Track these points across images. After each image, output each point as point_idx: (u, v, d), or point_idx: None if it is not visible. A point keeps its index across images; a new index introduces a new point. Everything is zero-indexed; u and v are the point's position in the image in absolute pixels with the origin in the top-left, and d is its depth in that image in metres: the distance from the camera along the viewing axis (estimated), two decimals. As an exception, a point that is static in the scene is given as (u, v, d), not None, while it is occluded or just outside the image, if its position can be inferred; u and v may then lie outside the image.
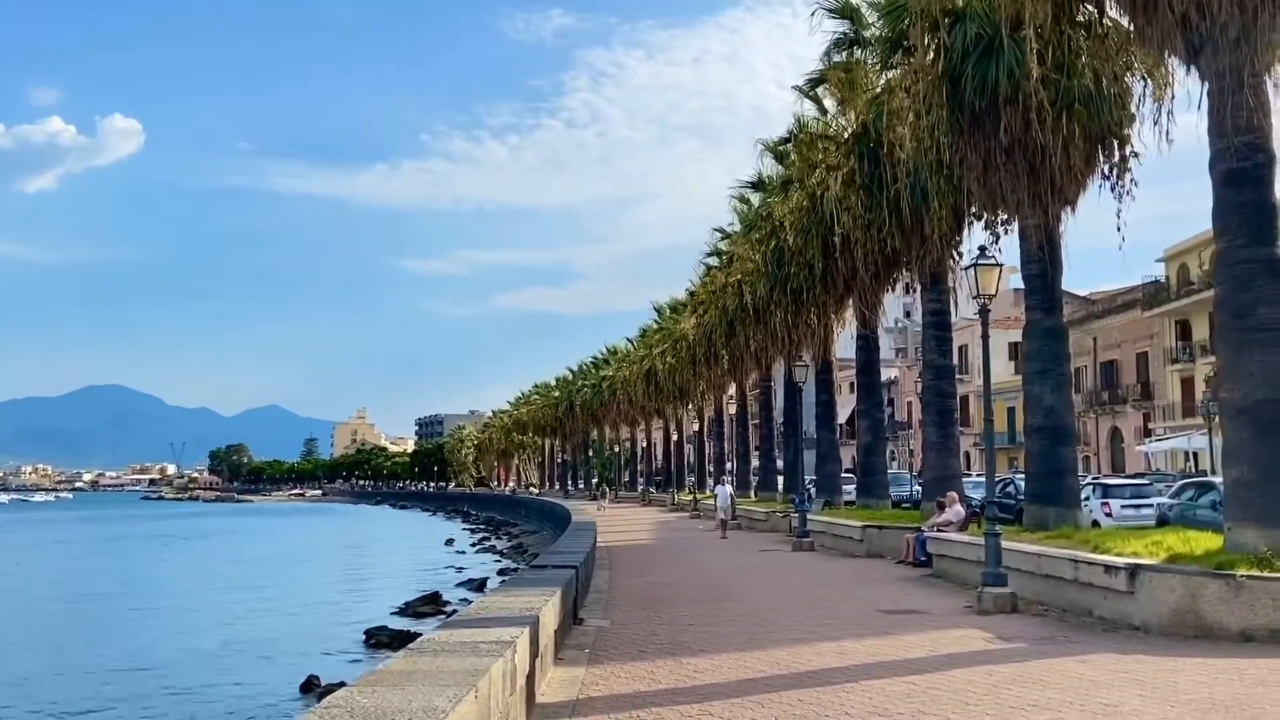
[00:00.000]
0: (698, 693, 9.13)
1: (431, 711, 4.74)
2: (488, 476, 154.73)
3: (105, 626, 31.26)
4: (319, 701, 4.96)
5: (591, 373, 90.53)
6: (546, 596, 9.54)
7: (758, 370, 47.22)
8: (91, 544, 76.85)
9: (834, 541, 26.25)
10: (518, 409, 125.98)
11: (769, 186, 37.77)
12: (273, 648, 26.04)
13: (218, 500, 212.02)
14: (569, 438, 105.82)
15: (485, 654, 6.34)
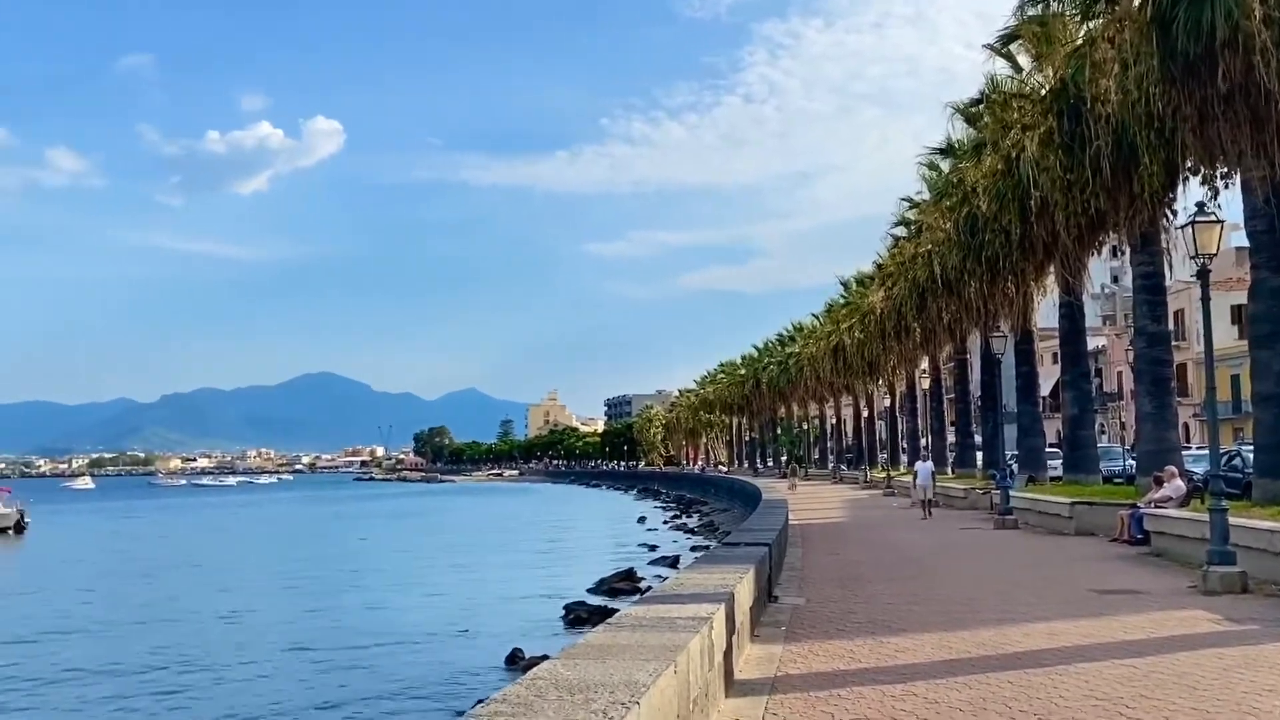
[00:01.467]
0: (899, 672, 8.87)
1: (632, 685, 4.74)
2: (676, 455, 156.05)
3: (327, 601, 33.11)
4: (524, 674, 5.05)
5: (777, 350, 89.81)
6: (740, 574, 9.47)
7: (951, 343, 45.65)
8: (316, 522, 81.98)
9: (1039, 519, 25.16)
10: (704, 388, 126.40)
11: (959, 151, 36.32)
12: (477, 622, 27.03)
13: (423, 480, 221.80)
14: (756, 416, 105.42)
15: (682, 630, 6.32)
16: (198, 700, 18.97)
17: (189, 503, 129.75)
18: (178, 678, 21.07)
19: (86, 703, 18.97)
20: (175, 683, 20.59)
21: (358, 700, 18.49)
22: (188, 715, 17.94)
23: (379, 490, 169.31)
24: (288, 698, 18.94)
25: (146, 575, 42.86)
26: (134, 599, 34.49)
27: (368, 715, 17.54)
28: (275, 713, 17.87)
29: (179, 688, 20.08)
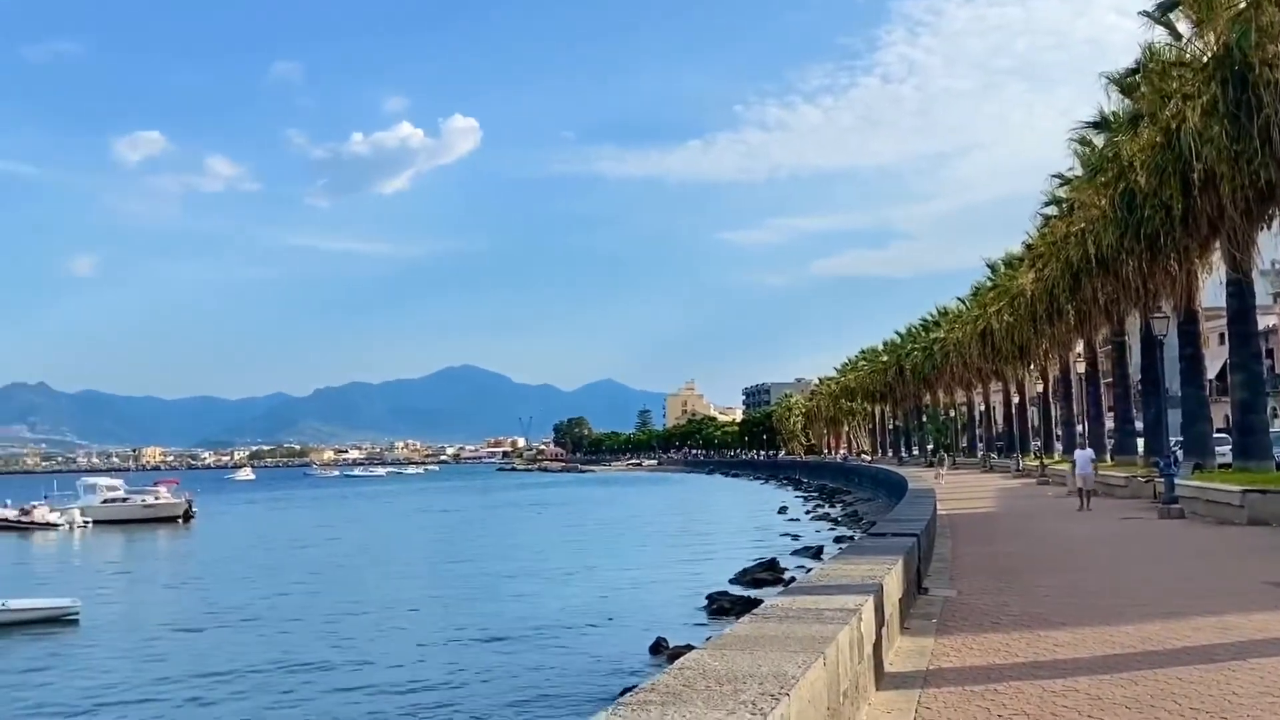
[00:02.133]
0: (1059, 667, 8.51)
1: (781, 677, 4.66)
2: (817, 444, 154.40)
3: (477, 589, 33.97)
4: (669, 663, 5.01)
5: (921, 335, 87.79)
6: (888, 565, 9.24)
7: (1108, 325, 43.75)
8: (464, 512, 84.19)
9: (1207, 508, 23.87)
10: (845, 375, 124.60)
11: (1114, 124, 34.71)
12: (620, 611, 27.30)
13: (563, 470, 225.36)
14: (900, 403, 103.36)
15: (830, 621, 6.19)
16: (352, 683, 19.66)
17: (342, 492, 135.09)
18: (335, 661, 21.91)
19: (255, 684, 19.88)
20: (331, 662, 21.41)
21: (506, 688, 18.88)
22: (344, 697, 18.60)
23: (521, 480, 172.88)
24: (437, 685, 19.49)
25: (307, 563, 44.75)
26: (296, 586, 36.07)
27: (516, 702, 17.87)
28: (423, 698, 18.38)
29: (335, 667, 20.88)
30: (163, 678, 20.63)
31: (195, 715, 17.48)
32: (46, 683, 20.46)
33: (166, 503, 74.32)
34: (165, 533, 65.07)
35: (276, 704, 18.12)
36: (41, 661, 22.60)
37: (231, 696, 18.75)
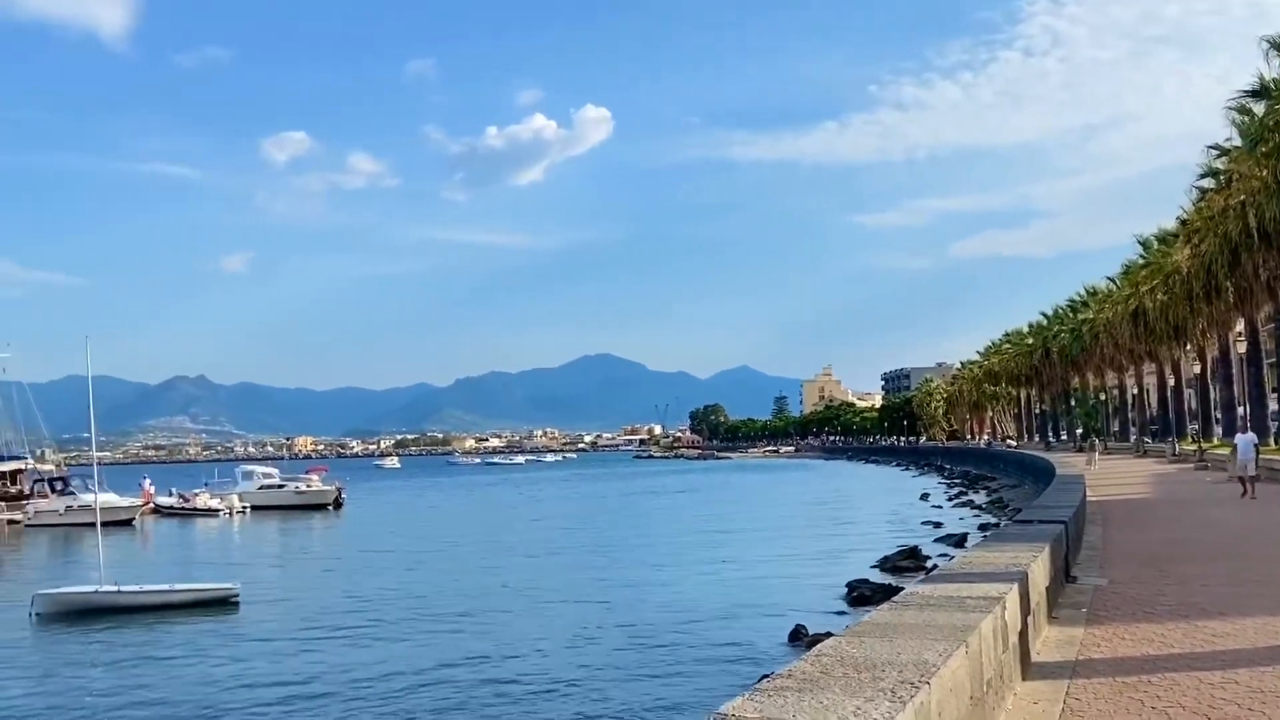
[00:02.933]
0: (1217, 659, 8.13)
1: (922, 665, 4.59)
2: (960, 429, 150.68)
3: (617, 575, 34.37)
4: (807, 650, 5.00)
5: (1068, 316, 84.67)
6: (1034, 552, 8.99)
7: (1271, 302, 41.42)
8: (604, 499, 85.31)
9: (1383, 495, 22.40)
10: (988, 359, 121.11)
11: (1275, 92, 32.82)
12: (759, 598, 27.24)
13: (699, 457, 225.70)
14: (1046, 387, 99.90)
15: (973, 609, 6.08)
16: (493, 667, 20.14)
17: (484, 480, 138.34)
18: (479, 645, 22.49)
19: (400, 666, 20.57)
20: (475, 647, 21.97)
21: (643, 673, 19.08)
22: (485, 676, 19.07)
23: (658, 467, 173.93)
24: (575, 669, 19.82)
25: (452, 549, 46.05)
26: (441, 571, 37.18)
27: (654, 688, 18.04)
28: (562, 681, 18.70)
29: (478, 652, 21.42)
30: (316, 659, 21.55)
31: (346, 694, 18.19)
32: (209, 661, 21.60)
33: (318, 490, 77.43)
34: (317, 519, 67.82)
35: (419, 685, 18.70)
36: (204, 641, 23.86)
37: (380, 678, 19.44)
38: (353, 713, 16.92)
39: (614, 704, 16.93)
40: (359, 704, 17.41)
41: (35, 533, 59.08)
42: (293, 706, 17.45)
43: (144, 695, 18.79)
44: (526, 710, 16.78)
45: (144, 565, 39.85)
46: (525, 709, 16.84)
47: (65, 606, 27.69)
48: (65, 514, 61.72)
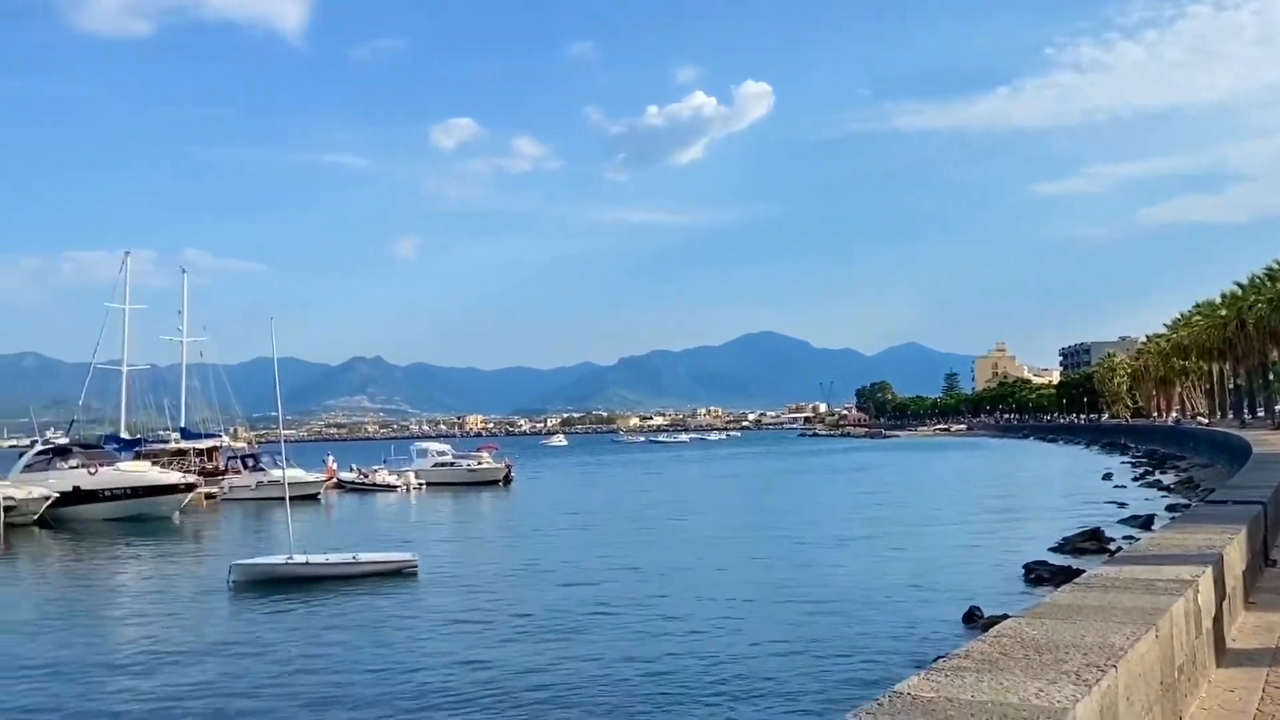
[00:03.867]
0: None
1: (1108, 648, 4.39)
2: (1145, 406, 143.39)
3: (788, 553, 34.22)
4: (983, 632, 4.84)
5: (1266, 286, 79.33)
6: (1229, 534, 8.47)
7: None
8: (772, 477, 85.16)
9: None
10: (1176, 332, 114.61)
11: None
12: (932, 578, 26.69)
13: (866, 436, 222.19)
14: (1241, 361, 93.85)
15: (1163, 592, 5.80)
16: (666, 644, 20.32)
17: (649, 457, 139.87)
18: (648, 620, 22.76)
19: (568, 638, 21.03)
20: (647, 626, 22.23)
21: (814, 651, 18.94)
22: (663, 657, 19.28)
23: (824, 446, 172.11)
24: (744, 645, 19.82)
25: (619, 525, 46.77)
26: (609, 546, 37.80)
27: (824, 666, 17.89)
28: (732, 658, 18.74)
29: (647, 627, 21.67)
30: (490, 628, 22.26)
31: (519, 661, 18.71)
32: (390, 628, 22.59)
33: (489, 467, 79.82)
34: (488, 494, 69.93)
35: (587, 657, 19.06)
36: (385, 609, 24.96)
37: (550, 648, 19.92)
38: (525, 678, 17.40)
39: (784, 681, 16.88)
40: (532, 672, 17.88)
41: (230, 506, 62.98)
42: (468, 671, 18.08)
43: (331, 657, 19.85)
44: (699, 685, 16.90)
45: (328, 537, 41.98)
46: (697, 684, 16.97)
47: (258, 575, 29.44)
48: (257, 489, 65.56)
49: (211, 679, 18.50)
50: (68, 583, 34.17)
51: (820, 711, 14.32)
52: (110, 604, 29.80)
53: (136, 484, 55.12)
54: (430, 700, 16.39)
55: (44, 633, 24.27)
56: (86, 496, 53.33)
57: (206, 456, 76.73)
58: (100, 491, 53.78)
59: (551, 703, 16.00)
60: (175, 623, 24.67)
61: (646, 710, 15.54)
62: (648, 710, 15.54)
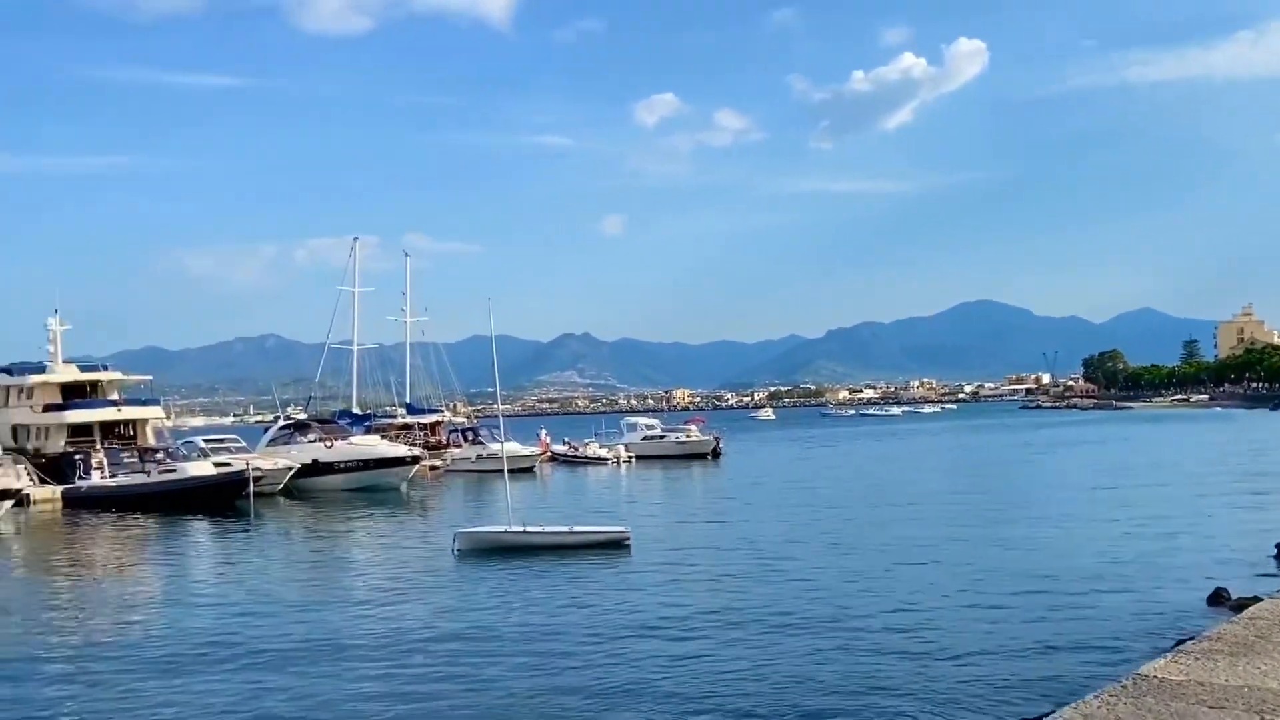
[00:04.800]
0: None
1: (1391, 635, 3.87)
2: None
3: (1018, 532, 32.71)
4: (1234, 614, 4.38)
5: None
6: None
7: None
8: (990, 451, 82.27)
9: None
10: None
11: None
12: (1171, 559, 25.24)
13: (1095, 408, 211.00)
14: None
15: None
16: (886, 619, 19.84)
17: (858, 431, 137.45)
18: (866, 597, 22.30)
19: (778, 610, 20.84)
20: (864, 602, 21.79)
21: (1049, 632, 18.05)
22: (884, 633, 18.85)
23: (1049, 418, 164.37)
24: (976, 624, 19.14)
25: (829, 498, 46.14)
26: (819, 520, 37.38)
27: (1057, 646, 17.06)
28: (962, 634, 18.11)
29: (868, 610, 21.20)
30: (699, 600, 22.34)
31: (729, 635, 18.70)
32: (605, 597, 22.99)
33: (697, 440, 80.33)
34: (697, 468, 70.37)
35: (800, 632, 18.82)
36: (600, 579, 25.45)
37: (762, 621, 19.79)
38: (735, 646, 17.39)
39: (1013, 661, 16.19)
40: (742, 642, 17.84)
41: (452, 478, 65.96)
42: (678, 641, 18.22)
43: (550, 622, 20.44)
44: (929, 659, 16.44)
45: (544, 508, 43.28)
46: (925, 658, 16.51)
47: (480, 544, 30.64)
48: (476, 461, 68.42)
49: (440, 637, 19.43)
50: (311, 546, 36.72)
51: (1055, 695, 13.61)
52: (349, 565, 32.00)
53: (368, 457, 58.48)
54: (644, 668, 16.61)
55: (293, 583, 26.45)
56: (324, 468, 56.99)
57: (430, 431, 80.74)
58: (336, 464, 57.36)
59: (758, 678, 15.89)
60: (406, 584, 26.13)
61: (870, 688, 15.19)
62: (872, 688, 15.19)
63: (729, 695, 14.89)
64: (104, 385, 64.81)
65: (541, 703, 14.94)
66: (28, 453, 57.54)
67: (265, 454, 58.33)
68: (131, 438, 62.34)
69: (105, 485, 53.27)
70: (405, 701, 15.25)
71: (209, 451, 55.50)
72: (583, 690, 15.46)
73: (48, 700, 16.02)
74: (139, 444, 60.91)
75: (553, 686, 15.75)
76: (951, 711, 13.86)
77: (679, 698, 14.90)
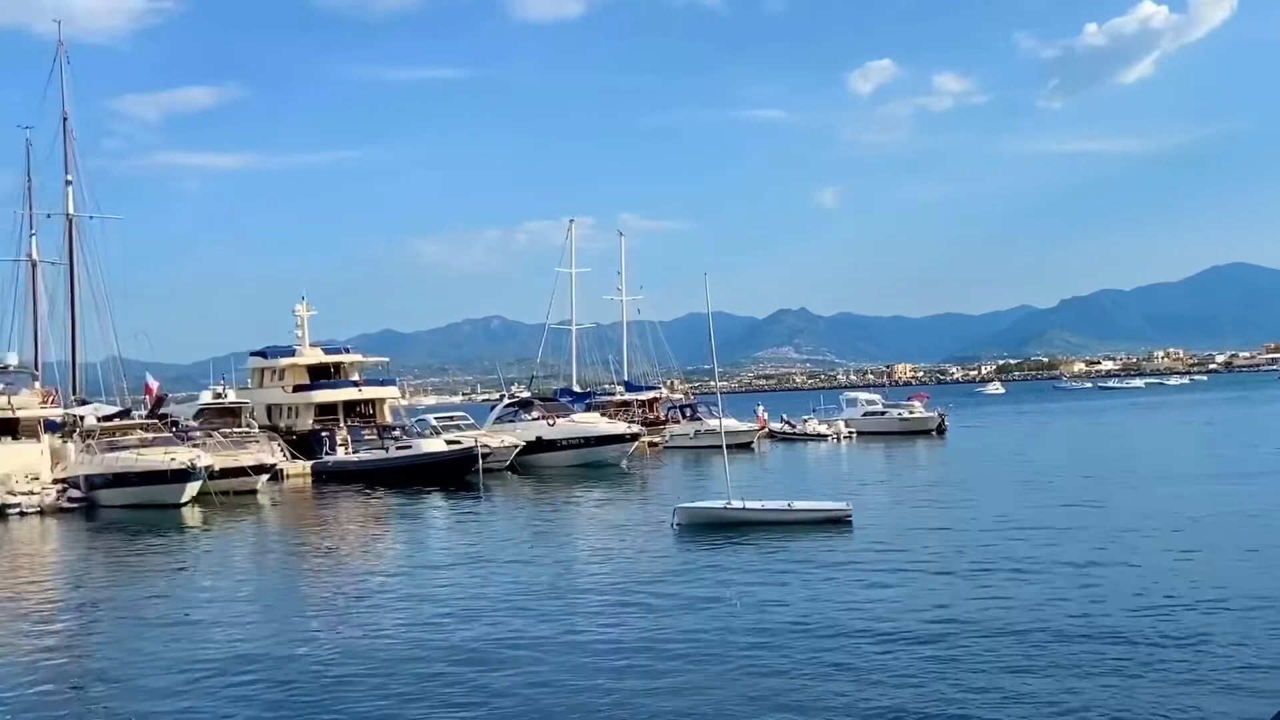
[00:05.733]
0: None
1: None
2: None
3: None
4: None
5: None
6: None
7: None
8: (1256, 426, 75.67)
9: None
10: None
11: None
12: None
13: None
14: None
15: None
16: (1122, 618, 18.38)
17: (1097, 405, 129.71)
18: (1104, 588, 20.79)
19: (1014, 600, 19.63)
20: (1100, 594, 20.34)
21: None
22: (1118, 631, 17.48)
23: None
24: (1233, 618, 17.44)
25: (1067, 478, 43.52)
26: (1055, 500, 35.20)
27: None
28: (1201, 638, 16.52)
29: (1105, 602, 19.76)
30: (925, 581, 21.39)
31: (959, 620, 17.71)
32: (825, 576, 22.40)
33: (921, 416, 77.96)
34: (921, 444, 68.13)
35: (1019, 621, 17.65)
36: (820, 557, 24.79)
37: (987, 609, 18.71)
38: (984, 653, 16.38)
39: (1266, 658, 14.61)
40: (993, 651, 16.70)
41: (670, 454, 66.52)
42: (907, 622, 17.41)
43: (771, 597, 20.09)
44: (1168, 666, 15.06)
45: (762, 484, 42.86)
46: (1163, 662, 15.12)
47: (699, 519, 30.57)
48: (695, 437, 68.79)
49: (664, 607, 19.54)
50: (538, 519, 37.76)
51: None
52: (573, 537, 32.80)
53: (589, 434, 59.71)
54: (865, 650, 15.96)
55: (522, 560, 27.08)
56: (546, 445, 58.60)
57: (648, 407, 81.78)
58: (558, 441, 58.86)
59: (988, 663, 14.94)
60: (629, 556, 26.60)
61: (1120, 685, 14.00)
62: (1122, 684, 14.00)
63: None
64: (346, 367, 69.01)
65: (755, 686, 14.51)
66: (280, 430, 61.92)
67: (492, 431, 60.55)
68: (371, 416, 66.03)
69: (349, 460, 56.66)
70: (622, 676, 15.18)
71: (441, 429, 58.05)
72: (796, 679, 14.92)
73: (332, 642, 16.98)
74: (378, 422, 64.45)
75: (770, 668, 15.31)
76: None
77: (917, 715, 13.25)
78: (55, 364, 64.67)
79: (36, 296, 64.66)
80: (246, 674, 16.22)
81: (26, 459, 49.35)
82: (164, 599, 23.85)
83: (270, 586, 25.82)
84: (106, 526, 40.06)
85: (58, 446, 51.99)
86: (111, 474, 45.71)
